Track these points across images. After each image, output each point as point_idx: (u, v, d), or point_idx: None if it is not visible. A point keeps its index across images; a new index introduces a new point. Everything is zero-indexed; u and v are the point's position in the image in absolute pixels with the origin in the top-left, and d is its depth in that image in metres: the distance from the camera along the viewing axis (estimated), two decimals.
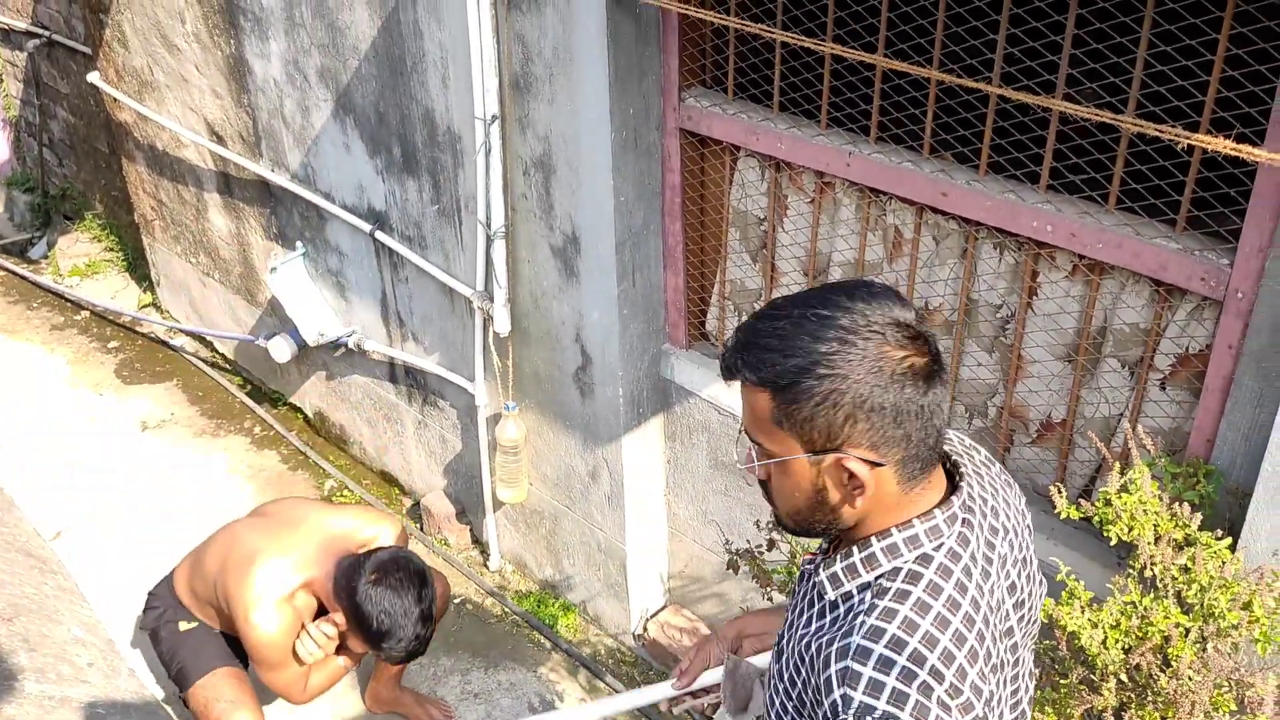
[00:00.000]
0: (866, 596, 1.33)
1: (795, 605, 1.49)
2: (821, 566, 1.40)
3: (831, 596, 1.37)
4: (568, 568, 3.87)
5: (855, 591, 1.35)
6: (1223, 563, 2.06)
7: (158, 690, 3.34)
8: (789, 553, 2.79)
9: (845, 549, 1.38)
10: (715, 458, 3.30)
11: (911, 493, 1.33)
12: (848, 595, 1.36)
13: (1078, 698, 2.14)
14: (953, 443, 1.51)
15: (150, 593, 3.24)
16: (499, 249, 3.26)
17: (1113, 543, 2.14)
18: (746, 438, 1.38)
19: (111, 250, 5.93)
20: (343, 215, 3.89)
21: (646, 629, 3.74)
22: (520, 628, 3.89)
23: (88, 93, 5.40)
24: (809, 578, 1.46)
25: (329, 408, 4.68)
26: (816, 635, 1.36)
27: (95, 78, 4.87)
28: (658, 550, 3.68)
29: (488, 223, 3.23)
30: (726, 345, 1.34)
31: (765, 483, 1.40)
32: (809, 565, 1.47)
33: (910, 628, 1.26)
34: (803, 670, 1.37)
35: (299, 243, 4.22)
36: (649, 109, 2.89)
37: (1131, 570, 2.13)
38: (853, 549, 1.36)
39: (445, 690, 3.63)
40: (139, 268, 5.72)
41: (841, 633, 1.32)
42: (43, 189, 6.31)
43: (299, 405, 4.87)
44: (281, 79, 3.85)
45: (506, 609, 3.96)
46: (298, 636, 2.93)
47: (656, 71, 2.85)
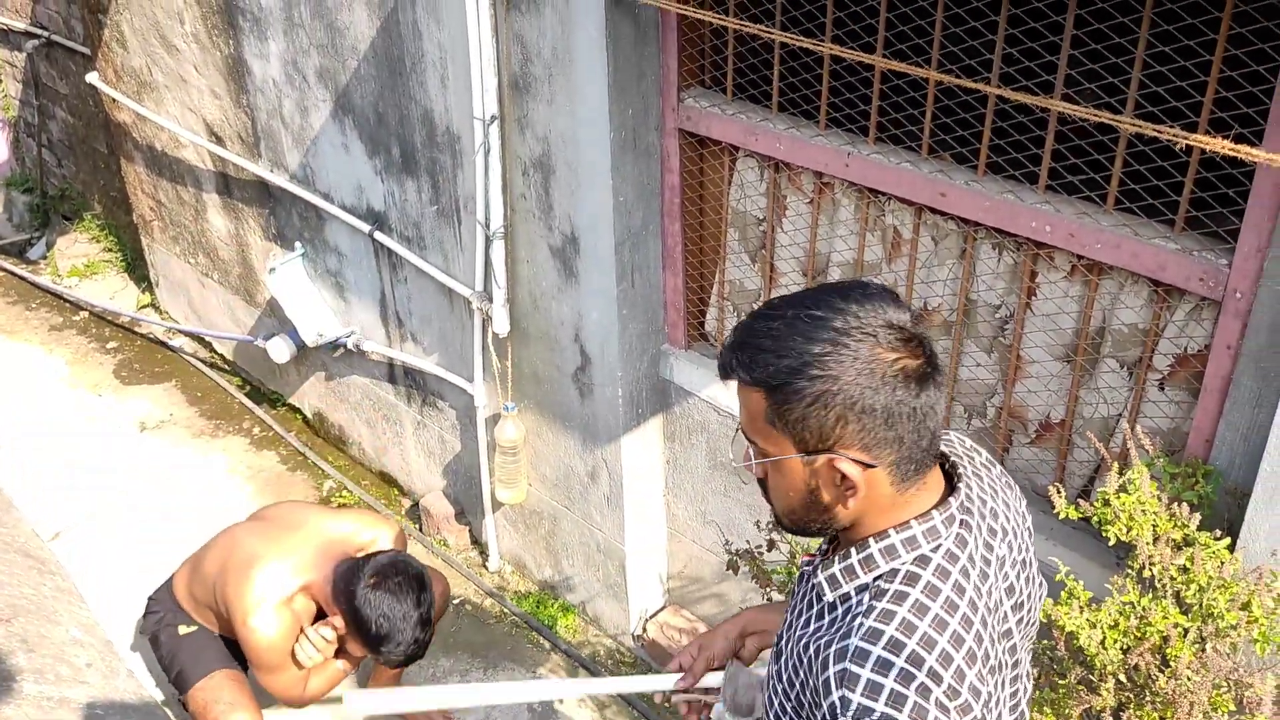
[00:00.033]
0: (864, 598, 1.33)
1: (794, 606, 1.49)
2: (820, 568, 1.40)
3: (830, 598, 1.37)
4: (567, 568, 3.87)
5: (853, 593, 1.35)
6: (1221, 563, 2.06)
7: (157, 693, 3.33)
8: (788, 553, 2.79)
9: (844, 550, 1.38)
10: (714, 458, 3.29)
11: (906, 494, 1.33)
12: (846, 597, 1.36)
13: (1076, 698, 2.14)
14: (953, 444, 1.51)
15: (150, 597, 3.24)
16: (498, 249, 3.26)
17: (1111, 543, 2.14)
18: (743, 436, 1.39)
19: (110, 251, 5.93)
20: (342, 216, 3.89)
21: (646, 630, 3.74)
22: (519, 628, 3.89)
23: (86, 93, 5.40)
24: (808, 579, 1.46)
25: (328, 408, 4.68)
26: (815, 636, 1.36)
27: (94, 78, 4.87)
28: (657, 551, 3.68)
29: (487, 223, 3.23)
30: (723, 344, 1.35)
31: (763, 481, 1.41)
32: (808, 567, 1.47)
33: (908, 629, 1.26)
34: (801, 671, 1.38)
35: (298, 243, 4.22)
36: (648, 109, 2.89)
37: (1130, 570, 2.13)
38: (851, 550, 1.36)
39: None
40: (138, 268, 5.72)
41: (840, 634, 1.32)
42: (41, 189, 6.31)
43: (298, 406, 4.87)
44: (280, 79, 3.85)
45: (505, 610, 3.95)
46: (296, 640, 2.93)
47: (655, 72, 2.85)
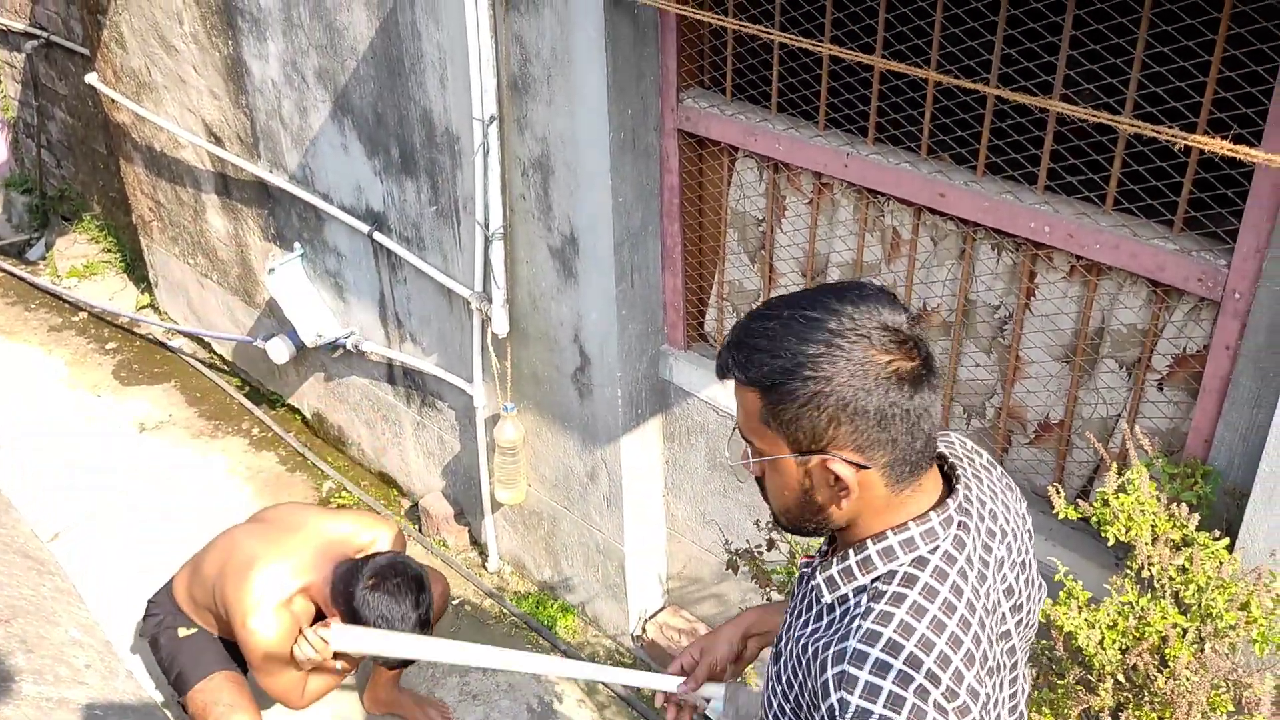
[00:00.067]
0: (862, 600, 1.33)
1: (794, 607, 1.49)
2: (819, 569, 1.41)
3: (828, 600, 1.37)
4: (566, 569, 3.87)
5: (851, 595, 1.35)
6: (1220, 563, 2.06)
7: (156, 694, 3.34)
8: (788, 552, 2.79)
9: (842, 552, 1.38)
10: (714, 458, 3.29)
11: (902, 495, 1.33)
12: (844, 599, 1.36)
13: (1075, 698, 2.14)
14: (953, 445, 1.51)
15: (150, 600, 3.25)
16: (497, 250, 3.26)
17: (1110, 543, 2.14)
18: (740, 436, 1.39)
19: (109, 251, 5.93)
20: (341, 216, 3.89)
21: (645, 630, 3.74)
22: (519, 629, 3.89)
23: (86, 94, 5.40)
24: (807, 580, 1.47)
25: (327, 409, 4.68)
26: (814, 638, 1.36)
27: (93, 79, 4.87)
28: (656, 551, 3.68)
29: (486, 223, 3.23)
30: (721, 344, 1.35)
31: (761, 480, 1.42)
32: (807, 568, 1.47)
33: (906, 631, 1.26)
34: (800, 673, 1.38)
35: (297, 244, 4.22)
36: (647, 110, 2.89)
37: (1129, 570, 2.13)
38: (849, 552, 1.37)
39: (444, 691, 3.63)
40: (137, 269, 5.72)
41: (838, 636, 1.32)
42: (41, 190, 6.31)
43: (297, 406, 4.87)
44: (279, 80, 3.85)
45: (505, 610, 3.95)
46: (295, 641, 2.93)
47: (655, 72, 2.85)
